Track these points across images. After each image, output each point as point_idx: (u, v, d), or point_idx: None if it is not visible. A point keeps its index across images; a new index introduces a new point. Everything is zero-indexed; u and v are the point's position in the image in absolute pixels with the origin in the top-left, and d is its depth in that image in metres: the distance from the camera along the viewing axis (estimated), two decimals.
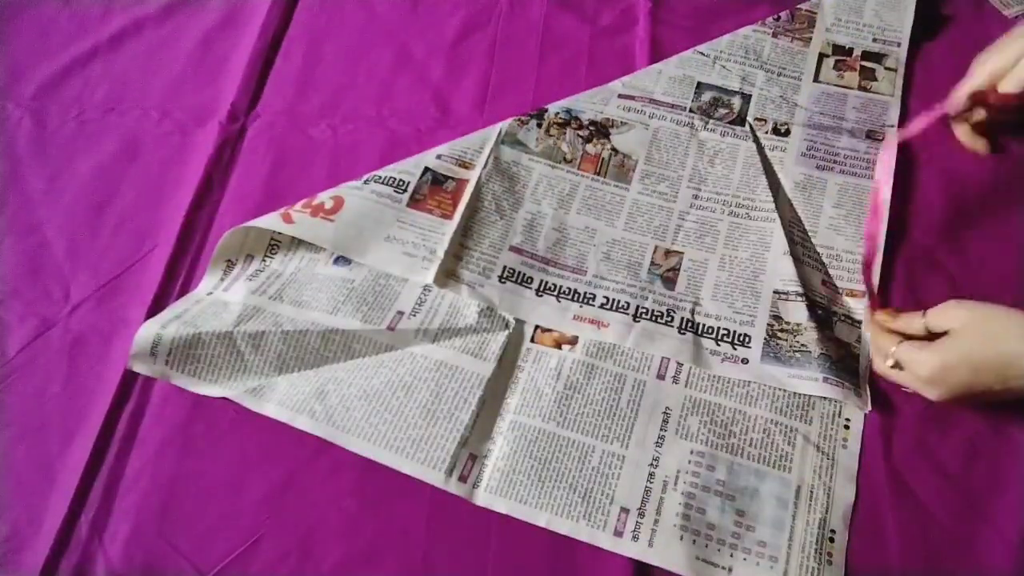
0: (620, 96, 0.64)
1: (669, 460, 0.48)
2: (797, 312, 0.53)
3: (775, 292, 0.54)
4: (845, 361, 0.51)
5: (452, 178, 0.58)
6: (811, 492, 0.47)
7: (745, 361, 0.52)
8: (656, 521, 0.46)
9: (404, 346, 0.52)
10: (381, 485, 0.48)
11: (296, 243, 0.57)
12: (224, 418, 0.51)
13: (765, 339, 0.52)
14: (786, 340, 0.52)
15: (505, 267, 0.55)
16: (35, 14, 0.74)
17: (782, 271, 0.55)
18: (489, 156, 0.60)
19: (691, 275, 0.56)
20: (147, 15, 0.74)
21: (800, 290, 0.53)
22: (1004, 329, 0.43)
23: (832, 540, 0.46)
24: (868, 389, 0.50)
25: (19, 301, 0.56)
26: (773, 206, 0.58)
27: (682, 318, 0.54)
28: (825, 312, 0.54)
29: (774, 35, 0.68)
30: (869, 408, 0.50)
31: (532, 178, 0.60)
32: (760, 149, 0.62)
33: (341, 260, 0.56)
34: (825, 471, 0.48)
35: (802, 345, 0.51)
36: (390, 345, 0.52)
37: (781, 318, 0.53)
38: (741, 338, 0.53)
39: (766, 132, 0.63)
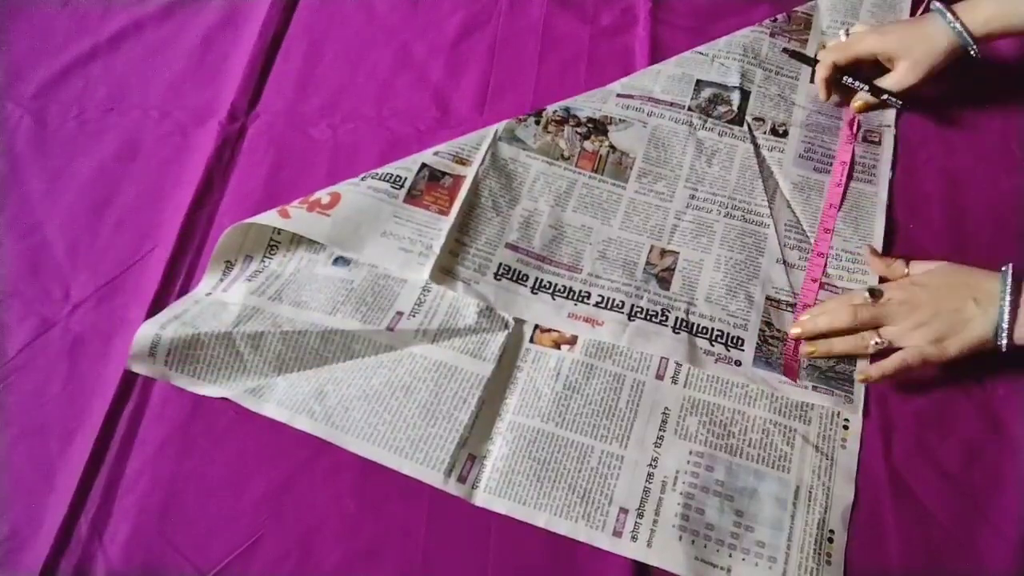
0: (619, 95, 0.64)
1: (668, 460, 0.48)
2: (787, 321, 0.53)
3: (767, 298, 0.54)
4: (835, 369, 0.52)
5: (449, 174, 0.58)
6: (810, 492, 0.47)
7: (738, 363, 0.52)
8: (655, 521, 0.46)
9: (403, 346, 0.52)
10: (381, 485, 0.48)
11: (295, 244, 0.57)
12: (224, 418, 0.51)
13: (757, 344, 0.53)
14: (776, 347, 0.52)
15: (501, 264, 0.55)
16: (35, 14, 0.74)
17: (775, 278, 0.55)
18: (486, 153, 0.60)
19: (686, 275, 0.56)
20: (147, 15, 0.74)
21: (792, 300, 0.54)
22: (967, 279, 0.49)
23: (831, 540, 0.46)
24: (861, 393, 0.50)
25: (19, 301, 0.56)
26: (768, 211, 0.58)
27: (676, 318, 0.54)
28: None
29: (772, 35, 0.68)
30: (861, 411, 0.50)
31: (529, 175, 0.60)
32: (757, 152, 0.62)
33: (340, 260, 0.56)
34: (824, 471, 0.48)
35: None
36: (389, 345, 0.52)
37: (772, 324, 0.53)
38: (735, 341, 0.53)
39: (764, 132, 0.63)
